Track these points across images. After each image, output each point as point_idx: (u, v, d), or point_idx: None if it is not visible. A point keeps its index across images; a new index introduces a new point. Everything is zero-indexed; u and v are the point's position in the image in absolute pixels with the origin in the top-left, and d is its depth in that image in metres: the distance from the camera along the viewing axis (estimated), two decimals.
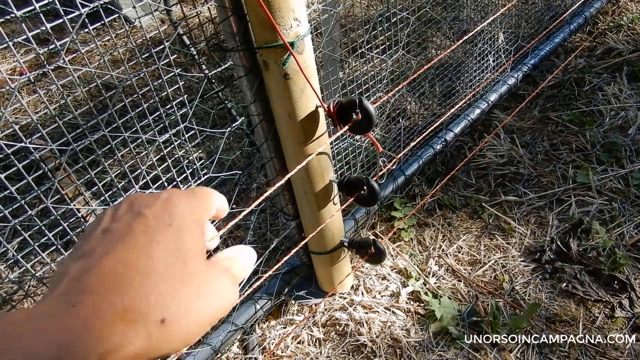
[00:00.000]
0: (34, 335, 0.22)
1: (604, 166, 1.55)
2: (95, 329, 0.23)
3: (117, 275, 0.25)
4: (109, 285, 0.25)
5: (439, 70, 1.77)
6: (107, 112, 0.70)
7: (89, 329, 0.23)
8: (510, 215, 1.47)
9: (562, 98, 1.87)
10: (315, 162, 0.89)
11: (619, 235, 1.34)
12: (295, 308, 1.30)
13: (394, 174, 1.51)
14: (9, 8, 0.52)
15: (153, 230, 0.28)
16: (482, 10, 1.74)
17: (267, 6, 0.62)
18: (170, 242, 0.28)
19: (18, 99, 0.57)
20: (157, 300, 0.25)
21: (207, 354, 1.14)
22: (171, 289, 0.26)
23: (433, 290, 1.29)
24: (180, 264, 0.27)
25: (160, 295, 0.26)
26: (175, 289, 0.26)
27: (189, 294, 0.27)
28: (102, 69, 0.65)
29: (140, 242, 0.27)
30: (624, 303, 1.19)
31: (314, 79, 0.77)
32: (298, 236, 1.17)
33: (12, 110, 2.05)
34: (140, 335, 0.25)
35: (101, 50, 0.61)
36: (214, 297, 0.29)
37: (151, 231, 0.28)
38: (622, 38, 2.10)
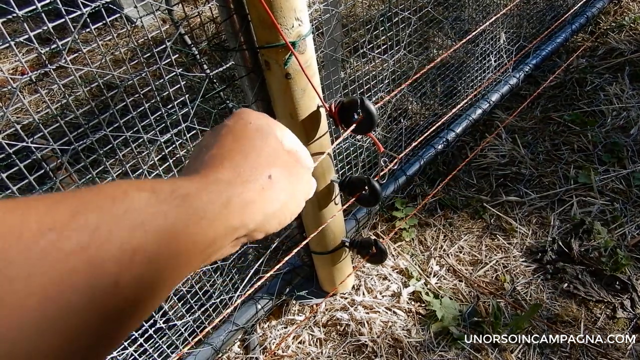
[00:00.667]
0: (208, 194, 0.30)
1: (606, 166, 1.55)
2: (223, 184, 0.32)
3: (242, 154, 0.35)
4: (238, 160, 0.35)
5: (440, 70, 1.76)
6: (109, 111, 0.70)
7: (217, 184, 0.31)
8: (511, 215, 1.47)
9: (564, 98, 1.87)
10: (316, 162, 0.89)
11: (621, 235, 1.34)
12: (296, 308, 1.30)
13: (395, 174, 1.51)
14: (10, 7, 0.52)
15: (261, 132, 0.38)
16: (484, 10, 1.74)
17: (269, 6, 0.62)
18: (273, 141, 0.38)
19: (20, 98, 0.57)
20: (266, 164, 0.36)
21: (208, 353, 1.14)
22: (274, 163, 0.36)
23: (434, 291, 1.29)
24: (279, 153, 0.38)
25: (267, 164, 0.36)
26: (277, 164, 0.37)
27: (285, 170, 0.37)
28: (103, 68, 0.65)
29: (252, 135, 0.37)
30: (626, 304, 1.19)
31: (316, 79, 0.77)
32: (299, 236, 1.17)
33: (13, 110, 2.05)
34: (256, 188, 0.33)
35: (103, 50, 0.61)
36: (302, 182, 0.39)
37: (260, 132, 0.38)
38: (624, 38, 2.09)
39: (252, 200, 0.32)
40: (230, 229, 0.31)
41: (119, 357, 0.95)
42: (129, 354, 0.97)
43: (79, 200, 0.22)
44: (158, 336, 1.03)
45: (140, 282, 0.24)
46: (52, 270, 0.20)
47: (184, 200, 0.27)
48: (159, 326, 1.01)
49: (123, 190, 0.24)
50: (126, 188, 0.25)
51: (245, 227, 0.32)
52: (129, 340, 0.96)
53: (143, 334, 0.98)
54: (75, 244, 0.21)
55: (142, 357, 1.01)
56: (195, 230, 0.27)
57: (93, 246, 0.21)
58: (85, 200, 0.23)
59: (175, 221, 0.26)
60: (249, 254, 1.23)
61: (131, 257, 0.23)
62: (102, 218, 0.22)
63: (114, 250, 0.22)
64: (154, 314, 0.98)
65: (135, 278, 0.23)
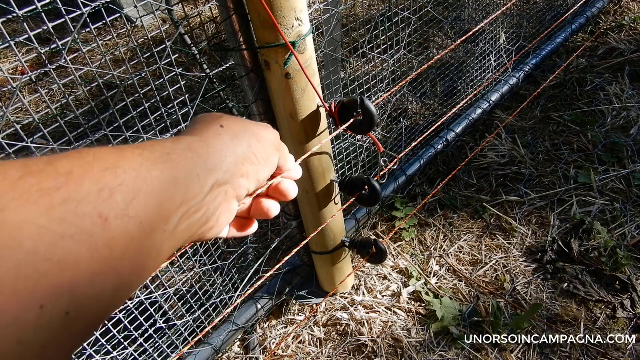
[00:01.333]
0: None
1: (606, 166, 1.55)
2: (225, 141, 0.36)
3: (198, 124, 0.38)
4: (194, 126, 0.38)
5: (440, 70, 1.76)
6: (109, 111, 0.70)
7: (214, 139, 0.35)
8: (511, 215, 1.47)
9: (564, 98, 1.87)
10: (317, 162, 0.89)
11: (621, 235, 1.34)
12: (297, 308, 1.30)
13: (395, 174, 1.51)
14: (10, 7, 0.52)
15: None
16: (484, 10, 1.74)
17: (269, 6, 0.62)
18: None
19: (20, 98, 0.57)
20: (217, 119, 0.38)
21: (208, 353, 1.14)
22: (223, 117, 0.39)
23: (434, 291, 1.29)
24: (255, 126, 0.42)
25: (218, 119, 0.39)
26: (226, 117, 0.39)
27: (236, 120, 0.40)
28: (103, 68, 0.65)
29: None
30: (626, 304, 1.19)
31: (316, 79, 0.77)
32: (299, 236, 1.17)
33: (13, 110, 2.05)
34: (211, 134, 0.36)
35: (103, 50, 0.61)
36: (260, 127, 0.41)
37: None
38: (624, 38, 2.09)
39: (211, 143, 0.34)
40: (202, 171, 0.32)
41: (119, 357, 0.95)
42: (129, 354, 0.98)
43: (49, 157, 0.24)
44: (158, 336, 1.03)
45: (127, 220, 0.25)
46: (36, 205, 0.21)
47: (144, 149, 0.29)
48: (159, 326, 1.01)
49: (87, 148, 0.26)
50: (91, 147, 0.27)
51: (219, 169, 0.34)
52: (129, 340, 0.96)
53: (143, 334, 0.98)
54: (54, 183, 0.22)
55: (142, 357, 1.01)
56: (165, 169, 0.29)
57: (72, 184, 0.23)
58: (55, 156, 0.24)
59: (144, 162, 0.28)
60: (249, 253, 1.23)
61: (110, 194, 0.24)
62: (73, 163, 0.24)
63: (92, 188, 0.24)
64: (154, 313, 0.98)
65: (121, 215, 0.24)
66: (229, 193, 0.35)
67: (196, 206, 0.31)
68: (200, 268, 1.07)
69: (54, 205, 0.21)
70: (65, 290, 0.21)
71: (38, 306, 0.20)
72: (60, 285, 0.21)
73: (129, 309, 0.93)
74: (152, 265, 0.28)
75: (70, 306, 0.21)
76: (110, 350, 0.92)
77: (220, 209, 0.34)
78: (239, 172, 0.36)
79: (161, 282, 0.96)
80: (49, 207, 0.21)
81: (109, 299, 0.24)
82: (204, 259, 1.05)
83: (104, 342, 0.89)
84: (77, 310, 0.22)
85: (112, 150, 0.27)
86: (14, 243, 0.19)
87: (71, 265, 0.21)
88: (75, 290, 0.22)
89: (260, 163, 0.38)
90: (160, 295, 0.98)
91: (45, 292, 0.20)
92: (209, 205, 0.33)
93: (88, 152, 0.25)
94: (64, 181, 0.23)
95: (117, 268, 0.24)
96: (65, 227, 0.21)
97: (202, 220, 0.32)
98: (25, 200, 0.21)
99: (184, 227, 0.30)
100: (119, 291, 0.25)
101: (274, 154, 0.41)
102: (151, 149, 0.29)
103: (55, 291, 0.21)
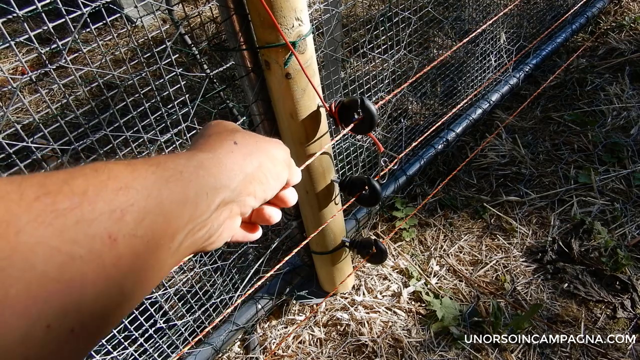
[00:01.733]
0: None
1: (606, 166, 1.55)
2: (232, 158, 0.36)
3: (208, 136, 0.39)
4: (205, 139, 0.38)
5: (440, 70, 1.76)
6: (109, 111, 0.70)
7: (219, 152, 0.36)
8: (511, 215, 1.47)
9: (564, 98, 1.87)
10: (317, 162, 0.89)
11: (621, 235, 1.34)
12: (297, 308, 1.30)
13: (396, 174, 1.51)
14: (11, 7, 0.52)
15: (222, 123, 0.43)
16: (484, 10, 1.74)
17: (269, 6, 0.62)
18: (232, 124, 0.43)
19: (20, 98, 0.57)
20: (231, 134, 0.39)
21: (208, 353, 1.14)
22: (237, 132, 0.40)
23: (434, 291, 1.29)
24: (239, 128, 0.42)
25: (231, 134, 0.39)
26: (239, 133, 0.40)
27: (250, 136, 0.40)
28: (103, 68, 0.65)
29: (215, 126, 0.41)
30: (626, 304, 1.19)
31: (316, 79, 0.77)
32: (299, 236, 1.17)
33: (14, 110, 2.05)
34: (224, 151, 0.36)
35: (103, 50, 0.61)
36: (272, 143, 0.42)
37: (222, 123, 0.43)
38: (624, 38, 2.09)
39: (223, 161, 0.35)
40: (211, 189, 0.32)
41: (119, 357, 0.95)
42: (129, 353, 0.98)
43: (66, 173, 0.25)
44: (158, 336, 1.03)
45: (135, 240, 0.25)
46: (51, 226, 0.22)
47: (158, 166, 0.29)
48: (159, 326, 1.01)
49: (103, 164, 0.27)
50: (105, 162, 0.27)
51: (227, 187, 0.34)
52: (129, 340, 0.96)
53: (143, 334, 0.98)
54: (69, 204, 0.23)
55: (143, 357, 1.01)
56: (176, 188, 0.29)
57: (85, 204, 0.24)
58: (72, 172, 0.25)
59: (156, 181, 0.28)
60: (249, 253, 1.23)
61: (121, 215, 0.25)
62: (89, 182, 0.25)
63: (104, 208, 0.24)
64: (154, 313, 0.98)
65: (129, 235, 0.25)
66: (234, 210, 0.36)
67: (201, 223, 0.32)
68: (200, 268, 1.07)
69: (67, 226, 0.22)
70: (72, 309, 0.22)
71: (45, 325, 0.21)
72: (67, 304, 0.21)
73: None
74: (155, 280, 0.28)
75: (75, 323, 0.22)
76: (110, 350, 0.92)
77: (223, 226, 0.35)
78: (247, 191, 0.36)
79: (161, 282, 0.96)
80: (63, 228, 0.22)
81: (113, 314, 0.25)
82: (204, 259, 1.05)
83: (104, 342, 0.89)
84: (82, 326, 0.22)
85: (126, 168, 0.27)
86: (27, 265, 0.20)
87: (78, 285, 0.22)
88: (81, 309, 0.22)
89: (269, 182, 0.39)
90: (160, 295, 0.98)
91: (53, 311, 0.21)
92: (213, 222, 0.33)
93: (103, 170, 0.26)
94: (78, 202, 0.23)
95: (122, 285, 0.25)
96: (76, 248, 0.22)
97: (205, 237, 0.33)
98: (41, 223, 0.21)
99: (188, 244, 0.31)
100: (122, 306, 0.25)
101: (284, 172, 0.41)
102: (164, 167, 0.30)
103: (62, 310, 0.21)
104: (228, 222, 0.35)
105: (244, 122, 0.90)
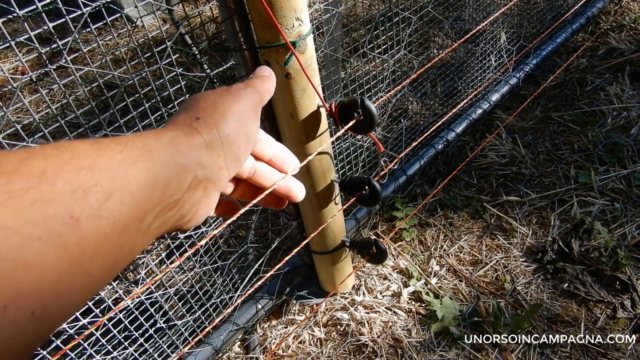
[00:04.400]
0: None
1: (606, 166, 1.55)
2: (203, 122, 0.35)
3: (209, 111, 0.37)
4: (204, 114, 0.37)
5: (440, 70, 1.76)
6: (109, 111, 0.70)
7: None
8: (511, 215, 1.47)
9: (564, 98, 1.87)
10: (317, 162, 0.89)
11: (621, 235, 1.34)
12: (297, 308, 1.30)
13: (396, 173, 1.51)
14: (11, 7, 0.52)
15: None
16: (484, 9, 1.74)
17: (269, 6, 0.62)
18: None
19: (20, 98, 0.57)
20: (229, 115, 0.37)
21: (208, 353, 1.14)
22: (232, 111, 0.38)
23: (434, 291, 1.29)
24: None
25: (230, 113, 0.37)
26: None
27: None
28: (104, 68, 0.65)
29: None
30: (626, 304, 1.19)
31: (316, 79, 0.77)
32: (299, 236, 1.17)
33: (14, 110, 2.05)
34: (222, 134, 0.35)
35: (103, 50, 0.61)
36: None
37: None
38: (624, 38, 2.09)
39: (192, 137, 0.34)
40: (182, 168, 0.31)
41: (119, 357, 0.95)
42: (129, 353, 0.98)
43: (26, 152, 0.24)
44: (158, 336, 1.03)
45: (99, 221, 0.25)
46: (4, 207, 0.21)
47: (125, 145, 0.28)
48: (159, 326, 1.01)
49: (67, 142, 0.26)
50: (70, 141, 0.26)
51: (199, 164, 0.33)
52: (129, 340, 0.96)
53: (143, 334, 0.98)
54: (25, 184, 0.22)
55: (143, 357, 1.01)
56: (143, 168, 0.28)
57: (44, 185, 0.23)
58: (32, 151, 0.24)
59: (122, 160, 0.27)
60: (249, 253, 1.23)
61: (84, 195, 0.24)
62: (48, 162, 0.24)
63: (65, 188, 0.23)
64: (154, 313, 0.98)
65: (93, 216, 0.24)
66: (208, 188, 0.35)
67: (172, 204, 0.31)
68: (200, 268, 1.07)
69: (23, 206, 0.21)
70: (31, 290, 0.21)
71: (2, 306, 0.20)
72: (25, 285, 0.21)
73: (129, 308, 0.93)
74: (123, 262, 0.28)
75: (36, 305, 0.22)
76: (110, 350, 0.92)
77: (198, 204, 0.34)
78: (217, 165, 0.35)
79: (161, 282, 0.96)
80: (18, 208, 0.21)
81: (78, 297, 0.24)
82: (204, 259, 1.05)
83: (104, 342, 0.89)
84: (44, 309, 0.22)
85: (91, 147, 0.26)
86: None
87: (38, 266, 0.21)
88: (41, 290, 0.22)
89: (239, 148, 0.37)
90: (160, 295, 0.98)
91: (8, 292, 0.20)
92: (185, 202, 0.32)
93: (66, 149, 0.25)
94: (36, 182, 0.23)
95: (87, 267, 0.24)
96: (33, 229, 0.21)
97: (176, 217, 0.32)
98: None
99: (157, 224, 0.30)
100: (88, 289, 0.25)
101: (253, 126, 0.39)
102: (132, 145, 0.29)
103: (20, 291, 0.21)
104: (204, 200, 0.34)
105: None
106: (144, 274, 0.92)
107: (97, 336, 0.86)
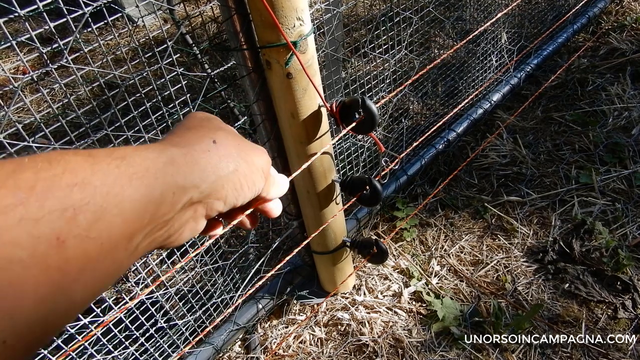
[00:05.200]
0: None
1: (607, 167, 1.55)
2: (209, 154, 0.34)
3: (187, 129, 0.36)
4: (183, 132, 0.36)
5: (441, 70, 1.76)
6: (110, 111, 0.70)
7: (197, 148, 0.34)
8: (512, 215, 1.46)
9: (565, 98, 1.86)
10: (318, 162, 0.89)
11: (622, 235, 1.34)
12: (297, 308, 1.30)
13: (397, 173, 1.51)
14: (12, 7, 0.52)
15: (206, 117, 0.40)
16: (485, 10, 1.73)
17: (270, 6, 0.62)
18: (216, 121, 0.40)
19: (21, 97, 0.57)
20: (210, 132, 0.36)
21: (209, 353, 1.14)
22: (218, 129, 0.37)
23: (435, 291, 1.29)
24: (222, 125, 0.40)
25: (211, 132, 0.36)
26: (221, 130, 0.38)
27: (231, 136, 0.38)
28: (105, 68, 0.65)
29: (199, 118, 0.39)
30: (627, 304, 1.19)
31: (317, 79, 0.77)
32: (300, 236, 1.17)
33: (15, 109, 2.05)
34: (201, 149, 0.34)
35: (104, 50, 0.61)
36: (251, 148, 0.39)
37: (206, 116, 0.40)
38: (625, 38, 2.09)
39: (197, 160, 0.32)
40: (179, 189, 0.30)
41: (119, 357, 0.95)
42: (130, 353, 0.98)
43: (16, 164, 0.22)
44: (159, 335, 1.03)
45: (87, 242, 0.23)
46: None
47: (123, 160, 0.27)
48: (160, 325, 1.01)
49: (60, 154, 0.24)
50: (62, 153, 0.25)
51: (196, 187, 0.31)
52: (130, 340, 0.96)
53: (144, 334, 0.98)
54: (12, 200, 0.21)
55: (143, 357, 1.01)
56: (140, 186, 0.27)
57: (32, 201, 0.21)
58: (22, 163, 0.22)
59: (118, 177, 0.26)
60: (250, 253, 1.23)
61: (74, 214, 0.23)
62: (38, 176, 0.22)
63: (55, 206, 0.22)
64: (155, 313, 0.98)
65: (81, 236, 0.23)
66: (199, 211, 0.33)
67: (162, 223, 0.30)
68: (201, 267, 1.07)
69: (8, 225, 0.20)
70: (4, 318, 0.20)
71: None
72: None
73: (130, 308, 0.93)
74: (109, 282, 0.26)
75: (7, 333, 0.20)
76: (111, 350, 0.92)
77: (186, 226, 0.33)
78: (217, 194, 0.34)
79: (162, 282, 0.96)
80: (3, 227, 0.20)
81: (57, 321, 0.23)
82: (205, 259, 1.05)
83: (105, 342, 0.89)
84: (17, 336, 0.21)
85: (85, 160, 0.25)
86: None
87: (16, 291, 0.20)
88: (15, 317, 0.20)
89: (242, 189, 0.36)
90: (161, 295, 0.98)
91: None
92: (174, 222, 0.31)
93: (58, 162, 0.24)
94: (24, 198, 0.21)
95: (69, 291, 0.23)
96: (16, 250, 0.20)
97: (164, 236, 0.31)
98: None
99: (145, 244, 0.29)
100: (69, 313, 0.24)
101: (260, 181, 0.39)
102: (130, 161, 0.27)
103: None
104: (191, 223, 0.33)
105: (245, 122, 0.90)
106: (145, 273, 0.92)
107: (98, 335, 0.87)
